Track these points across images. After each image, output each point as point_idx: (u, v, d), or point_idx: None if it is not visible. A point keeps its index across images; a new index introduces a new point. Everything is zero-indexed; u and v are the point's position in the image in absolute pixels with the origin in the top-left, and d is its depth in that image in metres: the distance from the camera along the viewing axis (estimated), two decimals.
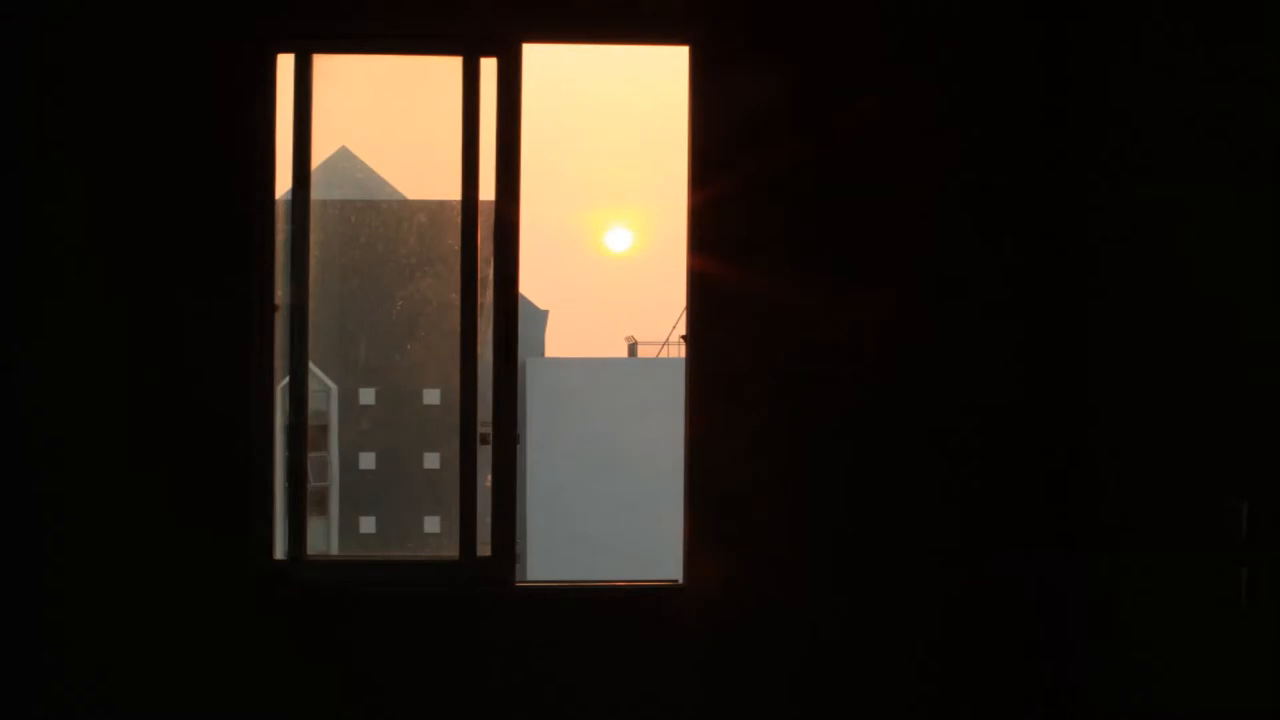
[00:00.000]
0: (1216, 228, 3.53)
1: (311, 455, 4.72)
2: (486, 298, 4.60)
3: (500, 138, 4.61)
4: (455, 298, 4.63)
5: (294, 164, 4.59)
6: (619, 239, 16.83)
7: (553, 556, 12.99)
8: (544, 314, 16.57)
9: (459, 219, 4.61)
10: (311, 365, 4.66)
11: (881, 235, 4.61)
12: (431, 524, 5.62)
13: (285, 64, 4.57)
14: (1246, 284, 3.37)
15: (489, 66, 4.61)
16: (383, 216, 5.14)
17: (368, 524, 5.65)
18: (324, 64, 4.64)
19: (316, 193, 4.62)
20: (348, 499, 5.34)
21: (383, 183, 5.46)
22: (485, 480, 4.67)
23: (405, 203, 5.18)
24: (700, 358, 4.62)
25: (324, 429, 5.34)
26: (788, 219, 4.60)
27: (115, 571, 4.46)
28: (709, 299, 4.61)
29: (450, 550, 4.65)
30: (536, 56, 4.68)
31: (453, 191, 4.61)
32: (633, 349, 16.04)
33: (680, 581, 4.66)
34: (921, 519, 4.62)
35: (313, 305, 4.60)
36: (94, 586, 4.46)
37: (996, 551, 4.62)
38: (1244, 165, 3.38)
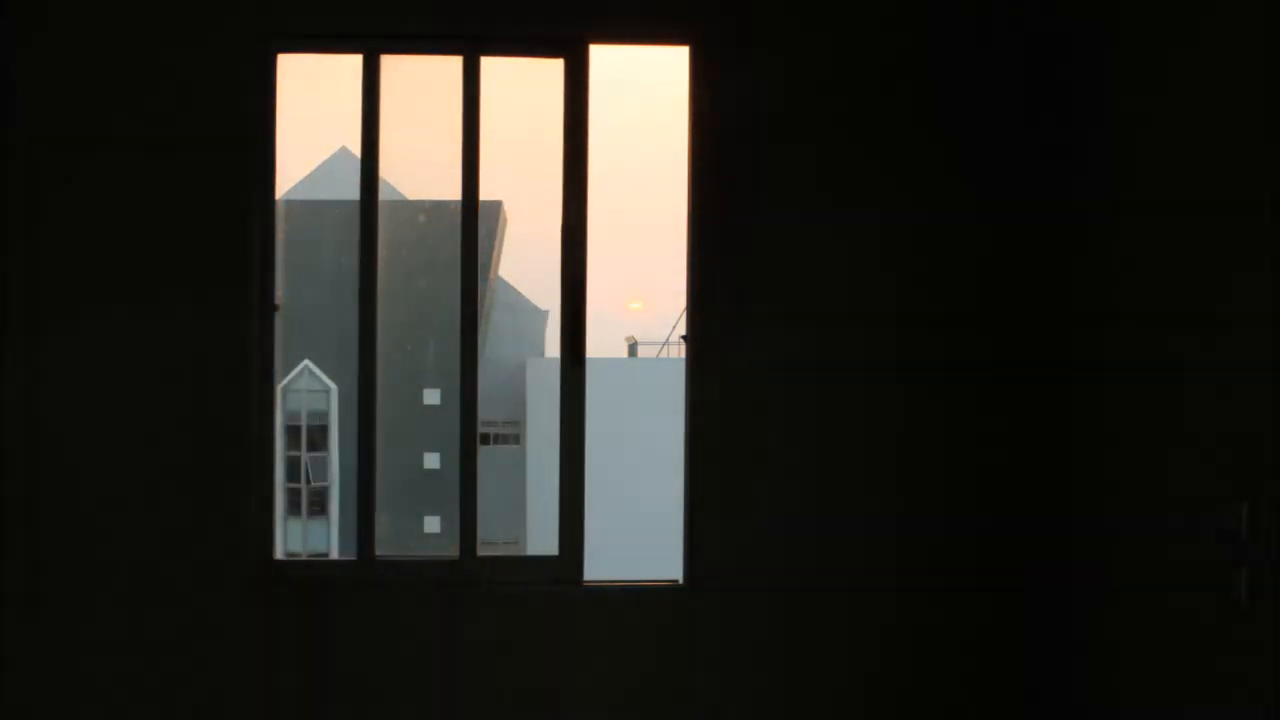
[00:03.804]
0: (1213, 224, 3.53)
1: (311, 455, 4.72)
2: (488, 298, 4.61)
3: (568, 139, 4.59)
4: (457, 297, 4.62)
5: (362, 167, 4.57)
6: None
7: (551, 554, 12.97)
8: (544, 314, 16.57)
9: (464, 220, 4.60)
10: (310, 364, 4.66)
11: (880, 235, 4.63)
12: (431, 524, 5.62)
13: (286, 63, 4.57)
14: (1244, 280, 3.37)
15: (554, 67, 4.60)
16: (384, 218, 5.13)
17: None
18: (324, 64, 4.64)
19: (317, 193, 4.62)
20: (347, 499, 5.34)
21: (383, 183, 5.45)
22: (486, 479, 4.67)
23: (407, 204, 5.18)
24: (701, 359, 4.62)
25: (324, 429, 5.34)
26: (789, 219, 4.61)
27: (114, 571, 4.46)
28: (709, 299, 4.61)
29: (451, 550, 4.66)
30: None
31: (453, 191, 4.61)
32: (633, 349, 16.08)
33: (680, 581, 4.66)
34: (919, 519, 4.62)
35: (312, 305, 4.60)
36: (94, 586, 4.46)
37: (995, 553, 4.63)
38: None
